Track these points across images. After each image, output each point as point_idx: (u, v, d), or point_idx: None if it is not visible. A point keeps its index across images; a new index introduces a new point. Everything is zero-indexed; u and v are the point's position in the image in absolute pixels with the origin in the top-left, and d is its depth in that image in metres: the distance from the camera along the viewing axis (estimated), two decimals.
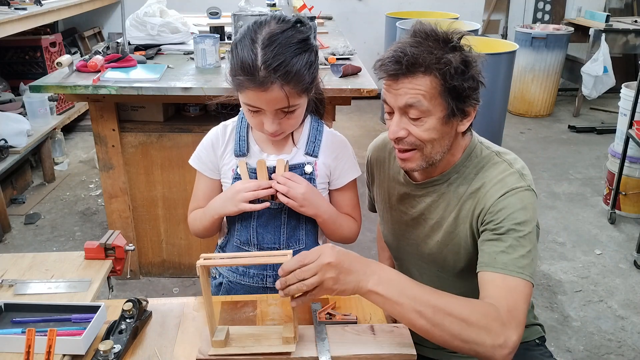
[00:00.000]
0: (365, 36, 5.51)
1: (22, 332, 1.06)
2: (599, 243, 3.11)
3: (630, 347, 2.31)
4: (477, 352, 1.03)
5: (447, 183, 1.26)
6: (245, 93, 1.17)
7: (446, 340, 1.03)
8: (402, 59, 1.10)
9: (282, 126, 1.21)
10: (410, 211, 1.33)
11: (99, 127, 2.41)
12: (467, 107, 1.15)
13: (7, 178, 3.38)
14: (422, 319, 1.01)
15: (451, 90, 1.11)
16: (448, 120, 1.14)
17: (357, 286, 1.02)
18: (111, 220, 2.58)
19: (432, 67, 1.09)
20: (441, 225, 1.28)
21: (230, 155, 1.34)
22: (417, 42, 1.12)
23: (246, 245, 1.35)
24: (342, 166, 1.36)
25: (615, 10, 5.77)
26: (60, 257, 1.38)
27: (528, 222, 1.14)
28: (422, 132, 1.14)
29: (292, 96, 1.16)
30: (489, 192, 1.18)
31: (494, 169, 1.21)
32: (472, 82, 1.13)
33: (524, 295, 1.09)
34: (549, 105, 5.24)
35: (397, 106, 1.14)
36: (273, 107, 1.17)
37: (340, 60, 2.57)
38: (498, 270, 1.11)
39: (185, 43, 2.84)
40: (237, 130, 1.34)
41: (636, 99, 3.07)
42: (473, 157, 1.25)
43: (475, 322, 1.02)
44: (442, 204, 1.27)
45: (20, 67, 4.14)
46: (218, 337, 1.06)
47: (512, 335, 1.03)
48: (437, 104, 1.12)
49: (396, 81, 1.12)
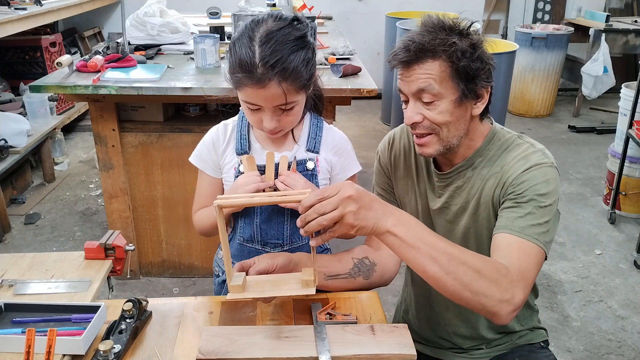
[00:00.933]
0: (365, 36, 5.51)
1: (22, 332, 1.06)
2: (599, 243, 3.11)
3: (630, 347, 2.31)
4: (483, 305, 1.04)
5: (472, 167, 1.28)
6: (244, 90, 1.18)
7: (456, 290, 1.03)
8: (410, 47, 1.14)
9: (280, 123, 1.22)
10: (435, 201, 1.34)
11: (99, 127, 2.41)
12: (478, 89, 1.18)
13: (7, 178, 3.38)
14: (436, 265, 1.02)
15: (460, 72, 1.15)
16: (461, 102, 1.17)
17: (376, 224, 1.00)
18: (111, 220, 2.58)
19: (439, 50, 1.14)
20: (465, 210, 1.29)
21: (231, 153, 1.35)
22: (425, 31, 1.17)
23: (250, 242, 1.35)
24: (343, 161, 1.36)
25: (615, 10, 5.77)
26: (60, 257, 1.38)
27: (550, 194, 1.16)
28: (436, 115, 1.17)
29: (290, 93, 1.17)
30: (513, 167, 1.20)
31: (518, 148, 1.24)
32: (480, 64, 1.16)
33: (536, 261, 1.12)
34: (549, 105, 5.24)
35: (411, 92, 1.18)
36: (271, 104, 1.18)
37: (340, 60, 2.57)
38: (514, 233, 1.13)
39: (185, 43, 2.84)
40: (237, 129, 1.35)
41: (636, 99, 3.07)
42: (496, 140, 1.27)
43: (487, 274, 1.03)
44: (467, 189, 1.28)
45: (20, 67, 4.14)
46: (236, 281, 1.05)
47: (519, 294, 1.05)
48: (448, 87, 1.15)
49: (408, 69, 1.17)
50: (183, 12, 3.33)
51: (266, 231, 1.33)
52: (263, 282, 1.08)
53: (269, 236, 1.33)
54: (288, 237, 1.34)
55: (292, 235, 1.34)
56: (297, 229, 1.32)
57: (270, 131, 1.24)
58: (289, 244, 1.34)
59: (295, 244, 1.35)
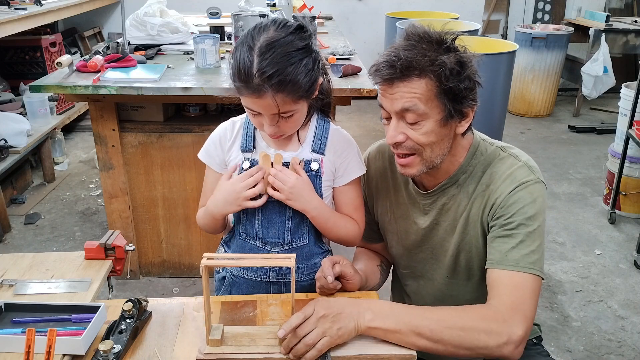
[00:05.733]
0: (365, 36, 5.51)
1: (22, 332, 1.06)
2: (599, 243, 3.11)
3: (630, 347, 2.31)
4: (485, 354, 1.06)
5: (456, 185, 1.26)
6: (243, 97, 1.20)
7: (452, 352, 1.06)
8: (396, 63, 1.10)
9: (280, 128, 1.23)
10: (422, 219, 1.33)
11: (99, 127, 2.41)
12: (464, 108, 1.15)
13: (7, 178, 3.38)
14: (422, 339, 1.05)
15: (447, 92, 1.11)
16: (446, 122, 1.14)
17: (357, 326, 1.06)
18: (111, 220, 2.58)
19: (427, 69, 1.09)
20: (454, 227, 1.28)
21: (237, 150, 1.35)
22: (410, 45, 1.12)
23: (251, 238, 1.35)
24: (347, 163, 1.35)
25: (615, 10, 5.77)
26: (60, 257, 1.38)
27: (538, 215, 1.16)
28: (420, 136, 1.14)
29: (286, 103, 1.17)
30: (500, 188, 1.19)
31: (502, 164, 1.22)
32: (469, 83, 1.13)
33: (530, 290, 1.12)
34: (549, 105, 5.24)
35: (394, 111, 1.14)
36: (268, 112, 1.19)
37: (340, 60, 2.57)
38: (509, 268, 1.13)
39: (185, 43, 2.84)
40: (244, 127, 1.36)
41: (636, 99, 3.07)
42: (478, 155, 1.25)
43: (474, 328, 1.05)
44: (454, 206, 1.27)
45: (20, 67, 4.14)
46: (214, 335, 1.06)
47: (517, 330, 1.06)
48: (434, 107, 1.12)
49: (391, 85, 1.12)
50: (183, 12, 3.33)
51: (267, 229, 1.33)
52: (240, 336, 1.09)
53: (270, 235, 1.34)
54: (289, 236, 1.34)
55: (293, 235, 1.34)
56: (298, 229, 1.34)
57: (271, 135, 1.26)
58: (289, 244, 1.34)
59: (295, 244, 1.35)
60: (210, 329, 1.07)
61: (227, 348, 1.06)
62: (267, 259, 1.10)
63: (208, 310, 1.05)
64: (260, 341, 1.08)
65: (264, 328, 1.13)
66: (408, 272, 1.44)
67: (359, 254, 1.54)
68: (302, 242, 1.36)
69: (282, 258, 1.06)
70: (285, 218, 1.33)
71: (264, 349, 1.06)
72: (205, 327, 1.07)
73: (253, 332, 1.11)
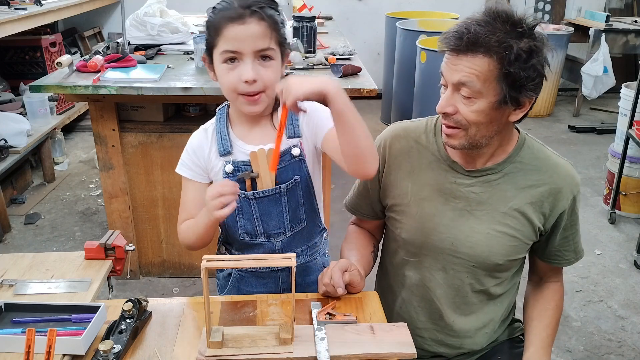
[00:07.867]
0: (365, 36, 5.51)
1: (22, 332, 1.06)
2: (599, 243, 3.11)
3: (630, 347, 2.31)
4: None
5: (502, 173, 1.25)
6: (223, 35, 1.16)
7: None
8: (464, 36, 1.09)
9: (260, 75, 1.18)
10: (453, 202, 1.28)
11: (99, 127, 2.41)
12: (521, 97, 1.13)
13: (7, 178, 3.38)
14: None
15: (507, 77, 1.09)
16: (499, 106, 1.13)
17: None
18: (111, 220, 2.58)
19: (493, 49, 1.08)
20: (493, 217, 1.25)
21: (216, 156, 1.31)
22: (484, 21, 1.10)
23: (253, 236, 1.34)
24: (318, 116, 1.27)
25: (615, 10, 5.77)
26: (60, 257, 1.38)
27: None
28: (470, 113, 1.14)
29: (267, 37, 1.17)
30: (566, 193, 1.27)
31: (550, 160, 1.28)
32: (532, 72, 1.11)
33: None
34: (549, 105, 5.24)
35: (451, 81, 1.14)
36: (252, 45, 1.16)
37: (340, 60, 2.57)
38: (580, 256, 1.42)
39: (185, 43, 2.84)
40: (217, 130, 1.32)
41: (636, 99, 3.07)
42: (526, 147, 1.26)
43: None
44: (496, 195, 1.25)
45: (20, 67, 4.14)
46: (215, 338, 1.06)
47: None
48: (491, 88, 1.11)
49: (456, 56, 1.12)
50: (183, 12, 3.33)
51: (267, 222, 1.33)
52: (241, 337, 1.09)
53: (271, 227, 1.33)
54: (288, 224, 1.34)
55: (292, 221, 1.34)
56: (296, 214, 1.33)
57: (250, 84, 1.18)
58: (290, 230, 1.34)
59: (295, 229, 1.35)
60: (211, 332, 1.07)
61: (228, 350, 1.06)
62: (267, 259, 1.09)
63: (208, 312, 1.05)
64: (261, 341, 1.08)
65: (264, 328, 1.13)
66: (416, 260, 1.35)
67: (352, 234, 1.49)
68: (301, 225, 1.36)
69: (283, 258, 1.05)
70: (282, 208, 1.32)
71: (265, 350, 1.06)
72: (206, 328, 1.06)
73: (253, 332, 1.11)
